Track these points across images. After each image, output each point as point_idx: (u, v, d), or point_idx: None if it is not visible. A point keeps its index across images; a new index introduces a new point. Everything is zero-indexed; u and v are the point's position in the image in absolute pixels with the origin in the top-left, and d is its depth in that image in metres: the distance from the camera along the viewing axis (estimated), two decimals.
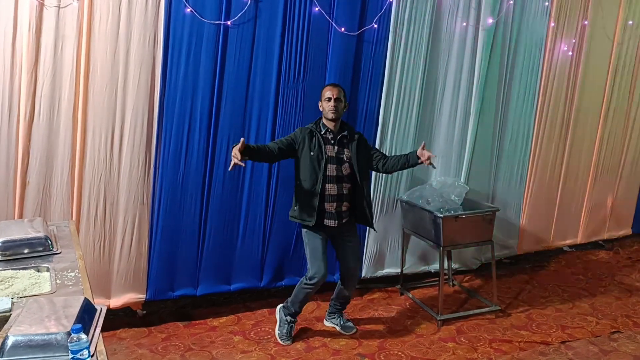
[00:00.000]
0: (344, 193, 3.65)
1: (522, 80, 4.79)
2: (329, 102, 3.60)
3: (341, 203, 3.65)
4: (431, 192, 4.35)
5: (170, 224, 3.92)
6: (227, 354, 3.64)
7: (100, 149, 3.65)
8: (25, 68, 3.38)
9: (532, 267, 5.24)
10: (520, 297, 4.59)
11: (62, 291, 2.26)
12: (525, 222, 5.17)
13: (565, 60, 4.94)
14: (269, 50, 3.93)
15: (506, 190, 4.98)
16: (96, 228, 3.75)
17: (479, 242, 4.35)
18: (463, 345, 3.79)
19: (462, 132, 4.63)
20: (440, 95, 4.54)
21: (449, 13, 4.38)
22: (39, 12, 3.35)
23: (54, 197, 3.61)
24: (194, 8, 3.66)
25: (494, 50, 4.58)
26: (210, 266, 4.11)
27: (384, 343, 3.80)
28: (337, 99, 3.61)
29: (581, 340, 3.87)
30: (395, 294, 4.60)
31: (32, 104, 3.44)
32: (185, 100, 3.79)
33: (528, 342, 3.83)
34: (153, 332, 3.89)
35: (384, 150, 4.37)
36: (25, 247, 2.63)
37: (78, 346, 1.64)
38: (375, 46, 4.21)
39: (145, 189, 3.82)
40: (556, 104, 5.02)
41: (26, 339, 1.73)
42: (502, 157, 4.90)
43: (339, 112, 3.63)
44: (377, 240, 4.56)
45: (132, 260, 3.89)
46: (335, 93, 3.61)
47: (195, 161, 3.88)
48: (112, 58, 3.57)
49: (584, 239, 5.64)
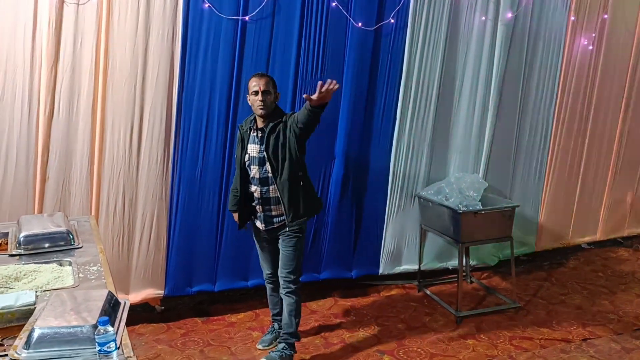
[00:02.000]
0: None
1: (541, 74, 4.74)
2: (256, 97, 3.20)
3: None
4: (449, 187, 4.32)
5: (188, 220, 3.92)
6: (246, 349, 3.64)
7: (119, 144, 3.66)
8: (45, 64, 3.40)
9: (550, 264, 5.18)
10: (539, 294, 4.54)
11: (85, 285, 2.26)
12: (543, 218, 5.12)
13: (585, 54, 4.89)
14: (286, 46, 3.92)
15: (524, 186, 4.93)
16: (115, 223, 3.77)
17: (498, 239, 4.31)
18: (483, 342, 3.76)
19: (480, 128, 4.59)
20: (459, 90, 4.50)
21: (467, 7, 4.35)
22: (58, 9, 3.37)
23: (73, 192, 3.63)
24: (211, 4, 3.66)
25: (513, 45, 4.53)
26: (228, 262, 4.11)
27: (402, 340, 3.78)
28: (265, 92, 3.20)
29: (603, 337, 3.82)
30: (413, 290, 4.58)
31: (51, 100, 3.46)
32: (203, 96, 3.79)
33: (549, 340, 3.79)
34: (172, 328, 3.90)
35: (402, 146, 4.35)
36: (47, 242, 2.64)
37: (105, 339, 1.63)
38: (392, 41, 4.18)
39: (164, 184, 3.83)
40: (575, 99, 4.97)
41: (52, 331, 1.73)
42: (520, 152, 4.85)
43: (269, 106, 3.23)
44: (395, 237, 4.53)
45: (151, 256, 3.90)
46: (262, 85, 3.19)
47: (213, 157, 3.88)
48: (130, 54, 3.57)
49: (603, 236, 5.58)
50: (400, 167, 4.41)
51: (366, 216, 4.42)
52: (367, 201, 4.40)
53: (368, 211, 4.42)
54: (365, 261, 4.49)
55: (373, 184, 4.38)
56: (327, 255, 4.36)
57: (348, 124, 4.16)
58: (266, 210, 3.36)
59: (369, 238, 4.46)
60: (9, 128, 3.42)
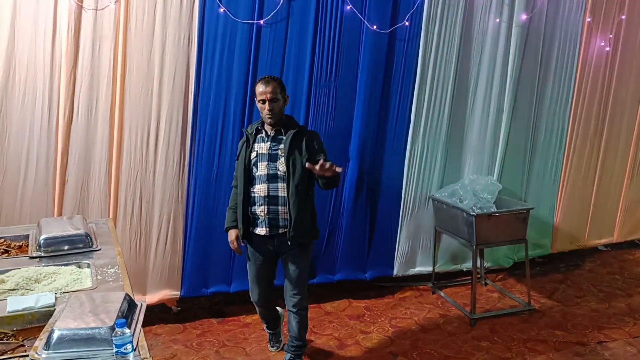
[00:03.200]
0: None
1: (556, 76, 4.72)
2: (264, 105, 3.08)
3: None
4: (463, 190, 4.32)
5: (204, 222, 3.97)
6: (261, 350, 3.68)
7: (136, 147, 3.72)
8: (64, 69, 3.47)
9: (566, 267, 5.16)
10: (554, 296, 4.52)
11: (103, 287, 2.31)
12: (559, 220, 5.09)
13: (601, 55, 4.86)
14: (301, 49, 3.95)
15: (540, 188, 4.91)
16: (132, 225, 3.83)
17: (512, 241, 4.31)
18: (497, 344, 3.76)
19: (494, 129, 4.58)
20: (473, 92, 4.50)
21: (481, 9, 4.34)
22: (77, 15, 3.43)
23: (91, 195, 3.69)
24: (227, 8, 3.70)
25: (527, 47, 4.52)
26: (243, 263, 4.09)
27: (416, 342, 3.80)
28: (273, 100, 3.07)
29: (618, 341, 3.80)
30: (427, 292, 4.58)
31: (70, 104, 3.53)
32: (219, 99, 3.83)
33: (563, 342, 3.77)
34: (188, 329, 3.95)
35: (416, 148, 4.36)
36: (66, 244, 2.70)
37: (122, 340, 1.67)
38: (407, 44, 4.20)
39: (180, 187, 3.88)
40: (592, 100, 4.94)
41: (71, 333, 1.78)
42: (535, 154, 4.83)
43: (277, 113, 3.11)
44: (409, 239, 4.54)
45: (167, 258, 3.95)
46: (269, 93, 3.05)
47: (228, 159, 3.92)
48: (147, 58, 3.63)
49: (620, 238, 5.53)
50: (415, 169, 4.42)
51: (380, 218, 4.44)
52: (381, 203, 4.41)
53: (382, 213, 4.43)
54: (380, 263, 4.51)
55: (387, 186, 4.39)
56: (341, 257, 4.38)
57: (362, 126, 4.18)
58: (272, 212, 3.13)
59: (383, 240, 4.48)
60: (29, 132, 3.49)
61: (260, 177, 3.15)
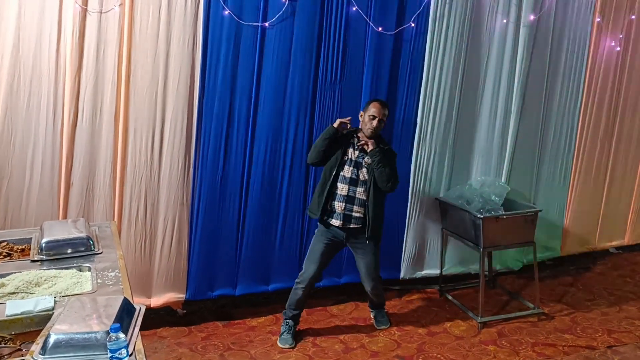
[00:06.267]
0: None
1: (565, 77, 4.67)
2: (372, 121, 3.61)
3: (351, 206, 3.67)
4: (471, 192, 4.28)
5: (210, 225, 3.96)
6: (266, 353, 3.66)
7: (141, 150, 3.72)
8: (69, 72, 3.47)
9: (576, 269, 5.09)
10: (564, 299, 4.47)
11: (103, 290, 2.30)
12: (569, 222, 5.03)
13: (611, 56, 4.80)
14: (306, 51, 3.93)
15: (549, 189, 4.86)
16: (137, 228, 3.82)
17: (521, 244, 4.25)
18: (504, 348, 3.72)
19: (502, 131, 4.54)
20: (480, 94, 4.46)
21: (488, 10, 4.31)
22: (82, 18, 3.43)
23: (96, 198, 3.69)
24: (232, 10, 3.69)
25: (535, 48, 4.48)
26: (249, 266, 4.14)
27: (423, 345, 3.76)
28: (381, 120, 3.62)
29: (629, 345, 3.74)
30: (434, 295, 4.55)
31: (75, 107, 3.53)
32: (224, 102, 3.82)
33: (572, 346, 3.73)
34: (193, 332, 3.94)
35: (423, 150, 4.33)
36: (68, 247, 2.69)
37: (116, 345, 1.66)
38: (413, 45, 4.17)
39: (185, 189, 3.88)
40: (602, 101, 4.89)
41: (67, 337, 1.77)
42: (544, 155, 4.78)
43: (377, 131, 3.65)
44: (416, 241, 4.51)
45: (172, 260, 3.95)
46: (381, 113, 3.61)
47: (234, 162, 3.92)
48: (152, 61, 3.63)
49: (631, 240, 5.47)
50: (422, 171, 4.39)
51: (387, 220, 4.37)
52: (388, 205, 4.36)
53: (389, 215, 4.37)
54: (387, 265, 4.46)
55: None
56: (347, 260, 4.35)
57: None
58: (347, 209, 3.64)
59: (390, 242, 4.43)
60: (34, 135, 3.50)
61: (344, 178, 3.64)
